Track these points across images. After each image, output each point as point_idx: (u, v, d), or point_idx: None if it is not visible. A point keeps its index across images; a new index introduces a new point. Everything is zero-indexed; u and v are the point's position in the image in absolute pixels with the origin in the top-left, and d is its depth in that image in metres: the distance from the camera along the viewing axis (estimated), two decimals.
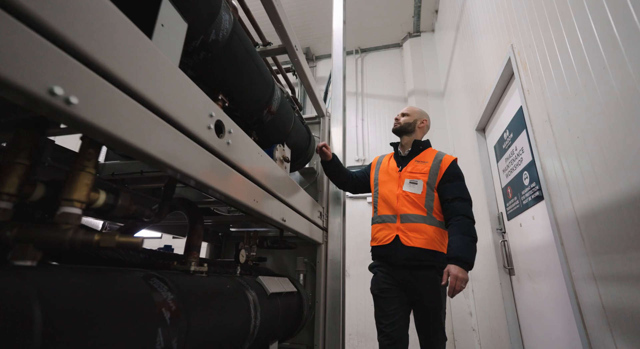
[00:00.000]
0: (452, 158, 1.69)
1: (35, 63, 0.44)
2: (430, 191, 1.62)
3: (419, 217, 1.59)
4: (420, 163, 1.71)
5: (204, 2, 0.92)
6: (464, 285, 1.35)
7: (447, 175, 1.62)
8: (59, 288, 0.51)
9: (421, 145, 1.77)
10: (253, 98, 1.28)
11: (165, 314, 0.69)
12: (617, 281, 1.02)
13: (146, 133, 0.62)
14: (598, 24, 1.07)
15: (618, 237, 1.02)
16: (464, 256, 1.36)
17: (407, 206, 1.63)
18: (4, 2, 0.40)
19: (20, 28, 0.42)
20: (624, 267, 1.00)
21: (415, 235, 1.56)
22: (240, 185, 1.02)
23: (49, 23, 0.45)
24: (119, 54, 0.56)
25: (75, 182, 0.60)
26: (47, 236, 0.55)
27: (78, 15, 0.49)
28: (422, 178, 1.65)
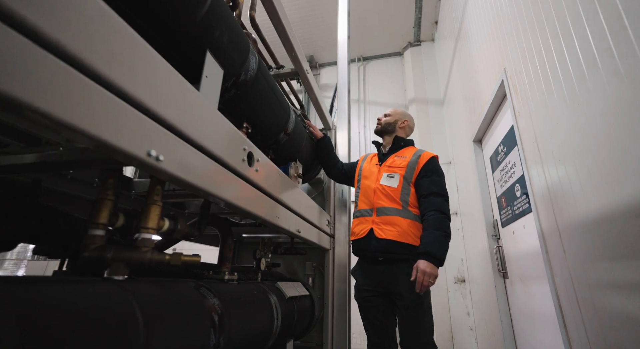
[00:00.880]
0: (432, 155, 1.68)
1: (140, 135, 0.60)
2: (407, 185, 1.61)
3: (394, 210, 1.58)
4: (399, 158, 1.71)
5: (236, 51, 1.08)
6: (433, 280, 1.34)
7: (424, 170, 1.60)
8: (146, 296, 0.68)
9: (402, 142, 1.79)
10: (272, 124, 1.44)
11: (214, 317, 0.85)
12: (590, 287, 1.19)
13: (201, 171, 0.79)
14: (581, 56, 1.23)
15: (590, 250, 1.18)
16: (434, 251, 1.36)
17: (383, 199, 1.63)
18: (121, 93, 0.57)
19: (130, 111, 0.58)
20: (594, 275, 1.16)
21: (389, 228, 1.55)
22: (265, 204, 1.18)
23: (151, 107, 0.61)
24: (188, 117, 0.72)
25: (148, 214, 0.76)
26: (134, 256, 0.72)
27: (166, 97, 0.65)
28: (399, 171, 1.65)
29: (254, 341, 1.07)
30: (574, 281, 1.29)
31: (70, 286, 0.54)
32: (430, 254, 1.36)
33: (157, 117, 0.64)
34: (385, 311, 1.58)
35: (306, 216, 1.66)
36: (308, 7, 4.35)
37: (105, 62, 0.52)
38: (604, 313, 1.12)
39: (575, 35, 1.22)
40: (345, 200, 2.39)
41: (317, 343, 2.10)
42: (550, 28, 1.39)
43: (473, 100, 2.77)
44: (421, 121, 4.27)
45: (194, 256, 0.79)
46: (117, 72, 0.54)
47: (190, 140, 0.74)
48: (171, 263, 0.76)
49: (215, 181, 0.85)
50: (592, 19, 1.13)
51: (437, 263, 1.36)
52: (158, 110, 0.64)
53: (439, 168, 1.65)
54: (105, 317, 0.55)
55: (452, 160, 3.88)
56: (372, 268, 1.61)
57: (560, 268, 1.39)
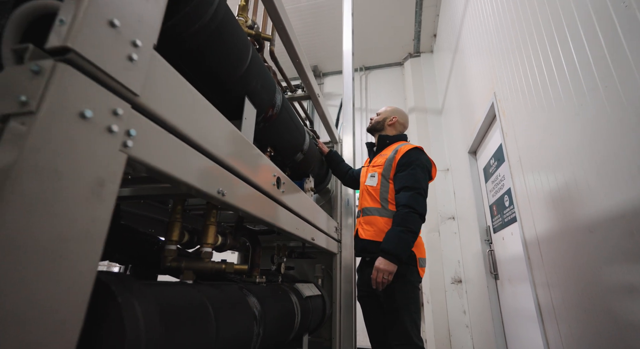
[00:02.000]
0: (410, 147, 1.61)
1: (214, 179, 0.82)
2: (385, 183, 1.59)
3: (374, 210, 1.59)
4: (381, 157, 1.71)
5: (266, 93, 1.30)
6: (388, 277, 1.34)
7: (399, 164, 1.57)
8: (211, 295, 0.90)
9: (388, 140, 1.77)
10: (291, 147, 1.67)
11: (255, 311, 1.08)
12: (561, 289, 1.41)
13: (248, 199, 1.01)
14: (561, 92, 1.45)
15: (562, 257, 1.40)
16: (390, 248, 1.37)
17: (366, 199, 1.66)
18: (207, 153, 0.79)
19: (211, 164, 0.81)
20: (564, 279, 1.38)
21: (368, 228, 1.57)
22: (289, 218, 1.40)
23: (223, 160, 0.84)
24: (239, 158, 0.95)
25: (207, 232, 0.99)
26: (199, 266, 0.94)
27: (228, 148, 0.88)
28: (377, 170, 1.64)
29: (282, 333, 1.30)
30: (550, 283, 1.51)
31: (173, 287, 0.76)
32: (386, 251, 1.37)
33: (223, 163, 0.86)
34: (376, 311, 1.61)
35: (318, 225, 1.88)
36: (312, 20, 4.57)
37: (198, 133, 0.74)
38: (573, 311, 1.34)
39: (556, 68, 1.43)
40: (351, 206, 2.62)
41: (326, 338, 2.32)
42: (535, 61, 1.61)
43: (468, 114, 2.99)
44: (420, 129, 4.49)
45: (243, 265, 1.02)
46: (205, 140, 0.76)
47: (241, 175, 0.96)
48: (226, 270, 0.98)
49: (256, 205, 1.08)
50: (569, 55, 1.35)
51: (393, 259, 1.36)
52: (224, 159, 0.86)
53: (415, 159, 1.55)
54: (196, 309, 0.77)
55: (450, 168, 4.11)
56: (364, 269, 1.66)
57: (539, 272, 1.61)
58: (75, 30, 0.46)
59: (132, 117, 0.57)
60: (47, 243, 0.42)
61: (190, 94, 0.75)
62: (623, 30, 0.93)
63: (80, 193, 0.46)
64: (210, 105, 0.82)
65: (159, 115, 0.63)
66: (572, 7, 1.21)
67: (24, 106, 0.42)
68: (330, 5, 4.27)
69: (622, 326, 1.02)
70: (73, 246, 0.45)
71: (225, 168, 0.89)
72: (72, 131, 0.46)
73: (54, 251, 0.42)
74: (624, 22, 0.91)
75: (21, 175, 0.39)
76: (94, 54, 0.49)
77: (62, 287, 0.43)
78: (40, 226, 0.41)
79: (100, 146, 0.50)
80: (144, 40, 0.60)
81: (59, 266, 0.43)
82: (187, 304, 0.74)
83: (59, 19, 0.47)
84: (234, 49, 1.02)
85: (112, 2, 0.53)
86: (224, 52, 0.98)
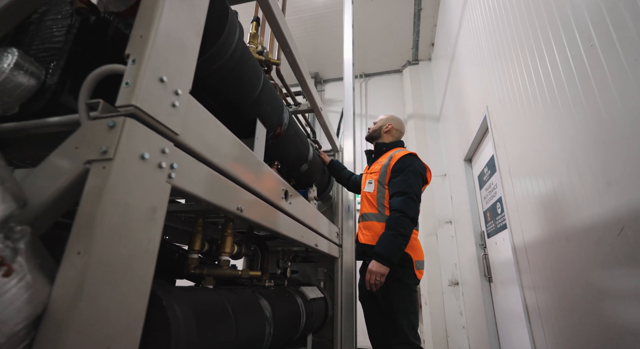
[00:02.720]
0: (403, 153, 1.68)
1: (235, 198, 0.95)
2: (382, 189, 1.66)
3: (372, 215, 1.67)
4: (377, 164, 1.79)
5: (275, 114, 1.43)
6: (380, 278, 1.43)
7: (393, 171, 1.64)
8: (230, 299, 1.02)
9: (384, 147, 1.85)
10: (296, 160, 1.79)
11: (267, 313, 1.20)
12: (546, 291, 1.53)
13: (261, 212, 1.13)
14: (545, 111, 1.58)
15: (544, 263, 1.53)
16: (382, 251, 1.45)
17: (365, 205, 1.74)
18: (230, 176, 0.91)
19: (232, 185, 0.93)
20: (547, 283, 1.50)
21: (366, 232, 1.66)
22: (295, 227, 1.53)
23: (241, 180, 0.96)
24: (253, 177, 1.07)
25: (226, 242, 1.11)
26: (218, 272, 1.06)
27: (244, 169, 1.00)
28: (374, 177, 1.72)
29: (289, 333, 1.42)
30: (535, 286, 1.64)
31: (200, 291, 0.89)
32: (377, 254, 1.46)
33: (241, 183, 0.99)
34: (375, 312, 1.70)
35: (321, 232, 2.00)
36: (313, 29, 4.71)
37: (222, 160, 0.87)
38: (555, 312, 1.47)
39: (545, 84, 1.56)
40: (351, 212, 2.74)
41: (328, 338, 2.44)
42: (524, 77, 1.73)
43: (463, 124, 3.12)
44: (419, 135, 4.62)
45: (255, 271, 1.14)
46: (228, 165, 0.89)
47: (255, 192, 1.09)
48: (242, 276, 1.11)
49: (268, 217, 1.20)
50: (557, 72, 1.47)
51: (385, 261, 1.43)
52: (242, 179, 0.99)
53: (408, 165, 1.62)
54: (219, 310, 0.90)
55: (447, 173, 4.23)
56: (364, 271, 1.75)
57: (526, 276, 1.74)
58: (138, 91, 0.59)
59: (175, 153, 0.70)
60: (122, 259, 0.54)
61: (215, 126, 0.87)
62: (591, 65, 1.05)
63: (141, 219, 0.59)
64: (231, 133, 0.94)
65: (193, 148, 0.76)
66: (559, 27, 1.33)
67: (105, 154, 0.55)
68: (331, 15, 4.41)
69: (597, 326, 1.14)
70: (137, 261, 0.58)
71: (243, 187, 1.01)
72: (136, 171, 0.58)
73: (126, 266, 0.55)
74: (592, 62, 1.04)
75: (104, 209, 0.52)
76: (150, 107, 0.62)
77: (132, 292, 0.56)
78: (117, 247, 0.54)
79: (154, 180, 0.63)
80: (183, 88, 0.72)
81: (129, 277, 0.55)
82: (212, 307, 0.87)
83: (125, 81, 0.60)
84: (249, 80, 1.15)
85: (161, 63, 0.66)
86: (240, 83, 1.11)
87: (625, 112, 0.92)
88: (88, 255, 0.49)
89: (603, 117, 1.03)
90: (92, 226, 0.51)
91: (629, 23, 0.86)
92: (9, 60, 0.77)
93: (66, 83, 0.86)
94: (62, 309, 0.47)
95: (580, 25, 1.10)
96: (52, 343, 0.45)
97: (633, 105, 0.88)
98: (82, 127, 0.59)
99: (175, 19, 0.71)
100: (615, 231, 0.98)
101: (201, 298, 0.85)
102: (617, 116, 0.95)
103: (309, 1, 4.23)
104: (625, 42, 0.89)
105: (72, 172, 0.56)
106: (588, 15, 1.05)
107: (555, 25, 1.31)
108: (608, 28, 0.95)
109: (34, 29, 0.93)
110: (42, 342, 0.45)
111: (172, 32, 0.70)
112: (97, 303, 0.49)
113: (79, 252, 0.50)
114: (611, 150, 0.99)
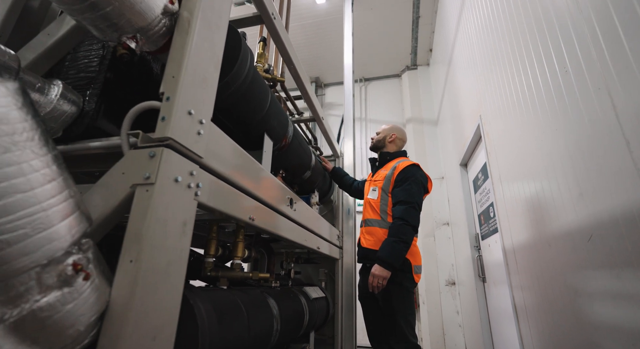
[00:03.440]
0: (407, 164, 1.77)
1: (248, 209, 1.06)
2: (385, 196, 1.75)
3: (375, 221, 1.76)
4: (381, 172, 1.88)
5: (281, 128, 1.54)
6: (382, 281, 1.53)
7: (397, 180, 1.73)
8: (243, 298, 1.14)
9: (388, 156, 1.94)
10: (300, 168, 1.91)
11: (274, 311, 1.32)
12: (529, 290, 1.65)
13: (269, 220, 1.25)
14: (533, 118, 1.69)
15: (530, 265, 1.65)
16: (384, 256, 1.55)
17: (368, 211, 1.83)
18: (247, 191, 1.03)
19: (247, 198, 1.05)
20: (532, 283, 1.62)
21: (369, 237, 1.74)
22: (299, 232, 1.64)
23: (253, 193, 1.08)
24: (262, 188, 1.19)
25: (237, 247, 1.23)
26: (231, 274, 1.18)
27: (255, 183, 1.12)
28: (378, 184, 1.81)
29: (294, 330, 1.54)
30: (522, 285, 1.76)
31: (217, 292, 1.01)
32: (381, 259, 1.55)
33: (253, 195, 1.11)
34: (375, 312, 1.78)
35: (322, 235, 2.12)
36: (314, 36, 4.82)
37: (238, 177, 0.99)
38: (537, 310, 1.59)
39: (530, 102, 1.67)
40: (351, 215, 2.86)
41: (329, 335, 2.56)
42: (514, 88, 1.85)
43: (459, 130, 3.24)
44: (417, 139, 4.74)
45: (264, 273, 1.26)
46: (242, 180, 1.01)
47: (264, 202, 1.21)
48: (252, 278, 1.23)
49: (275, 224, 1.32)
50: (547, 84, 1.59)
51: (387, 266, 1.54)
52: (254, 192, 1.11)
53: (411, 176, 1.71)
54: (234, 308, 1.02)
55: (445, 176, 4.35)
56: (364, 273, 1.84)
57: (515, 277, 1.86)
58: (172, 124, 0.71)
59: (200, 174, 0.81)
60: (162, 266, 0.66)
61: (231, 147, 0.99)
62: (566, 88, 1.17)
63: (176, 233, 0.71)
64: (244, 152, 1.06)
65: (214, 168, 0.88)
66: (541, 53, 1.44)
67: (147, 179, 0.67)
68: (331, 22, 4.53)
69: (573, 322, 1.26)
70: (172, 267, 0.70)
71: (254, 198, 1.13)
72: (172, 192, 0.70)
73: (165, 271, 0.67)
74: (566, 85, 1.16)
75: (149, 225, 0.64)
76: (182, 137, 0.74)
77: (169, 292, 0.68)
78: (159, 256, 0.65)
79: (185, 199, 0.75)
80: (205, 117, 0.84)
81: (167, 280, 0.67)
82: (228, 305, 0.99)
83: (161, 116, 0.72)
84: (258, 100, 1.26)
85: (189, 98, 0.78)
86: (250, 104, 1.23)
87: (592, 133, 1.03)
88: (138, 263, 0.61)
89: (575, 135, 1.15)
90: (140, 240, 0.63)
91: (594, 55, 0.97)
92: (56, 91, 0.88)
93: (101, 108, 0.98)
94: (120, 307, 0.59)
95: (557, 53, 1.22)
96: (115, 333, 0.57)
97: (599, 128, 1.00)
98: (127, 155, 0.71)
99: (199, 57, 0.83)
100: (586, 238, 1.10)
101: (219, 297, 0.97)
102: (585, 136, 1.07)
103: (310, 9, 4.35)
104: (592, 72, 1.00)
105: (121, 193, 0.68)
106: (563, 45, 1.16)
107: (537, 51, 1.42)
108: (578, 58, 1.06)
109: (69, 60, 1.05)
110: (107, 332, 0.57)
111: (197, 69, 0.82)
112: (146, 302, 0.61)
113: (131, 260, 0.62)
114: (582, 165, 1.11)
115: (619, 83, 0.89)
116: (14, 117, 0.44)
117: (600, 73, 0.96)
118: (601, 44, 0.94)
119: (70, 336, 0.51)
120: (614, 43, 0.91)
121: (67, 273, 0.51)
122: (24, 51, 0.94)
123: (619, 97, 0.90)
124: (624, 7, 0.88)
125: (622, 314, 0.96)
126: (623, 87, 0.88)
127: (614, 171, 0.95)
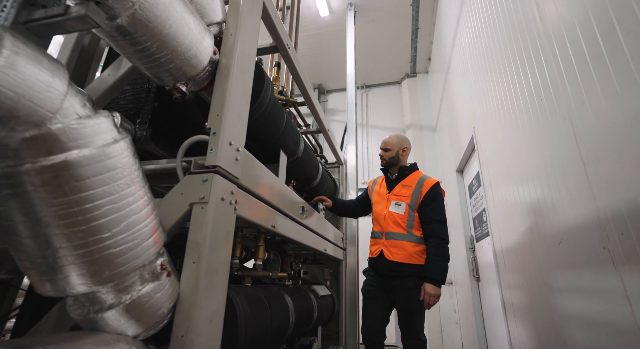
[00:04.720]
0: (433, 182, 1.86)
1: (270, 218, 1.26)
2: (412, 212, 1.83)
3: (400, 235, 1.82)
4: (404, 188, 1.91)
5: (294, 144, 1.74)
6: (437, 299, 1.66)
7: (426, 198, 1.82)
8: (265, 293, 1.34)
9: (407, 170, 1.98)
10: (309, 179, 2.11)
11: (290, 306, 1.51)
12: (515, 289, 1.84)
13: (287, 227, 1.44)
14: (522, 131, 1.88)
15: (515, 265, 1.84)
16: (435, 275, 1.67)
17: (391, 225, 1.86)
18: (267, 202, 1.22)
19: (269, 210, 1.24)
20: (518, 283, 1.81)
21: (396, 251, 1.81)
22: (309, 236, 1.84)
23: (274, 204, 1.27)
24: (280, 198, 1.38)
25: (259, 250, 1.43)
26: (254, 274, 1.38)
27: (278, 198, 1.32)
28: (405, 200, 1.86)
29: (305, 324, 1.73)
30: (510, 284, 1.95)
31: (245, 288, 1.20)
32: (432, 278, 1.66)
33: (274, 206, 1.30)
34: (382, 305, 1.87)
35: (328, 238, 2.31)
36: (317, 45, 5.02)
37: (265, 192, 1.18)
38: (521, 307, 1.78)
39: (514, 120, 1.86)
40: (353, 220, 3.05)
41: (334, 331, 2.76)
42: (500, 108, 2.04)
43: (455, 138, 3.43)
44: (416, 144, 4.93)
45: (282, 272, 1.46)
46: (267, 195, 1.20)
47: (282, 211, 1.40)
48: (272, 276, 1.42)
49: (291, 230, 1.51)
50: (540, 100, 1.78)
51: (439, 284, 1.67)
52: (274, 203, 1.30)
53: (438, 194, 1.84)
54: (260, 301, 1.21)
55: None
56: (380, 277, 1.90)
57: (504, 277, 2.05)
58: (219, 155, 0.91)
59: (237, 192, 1.01)
60: (215, 266, 0.86)
61: (260, 169, 1.18)
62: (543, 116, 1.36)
63: (223, 240, 0.90)
64: (268, 170, 1.25)
65: (247, 187, 1.07)
66: (527, 69, 1.63)
67: (202, 199, 0.86)
68: (334, 34, 4.73)
69: (549, 316, 1.45)
70: (221, 267, 0.89)
71: (274, 208, 1.32)
72: (220, 209, 0.90)
73: (216, 270, 0.86)
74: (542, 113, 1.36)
75: (204, 235, 0.83)
76: (226, 164, 0.93)
77: (220, 287, 0.87)
78: (213, 259, 0.85)
79: (228, 213, 0.94)
80: (240, 145, 1.04)
81: (218, 278, 0.87)
82: (255, 299, 1.18)
83: (210, 148, 0.91)
84: (276, 123, 1.46)
85: (230, 131, 0.97)
86: (269, 127, 1.42)
87: (556, 154, 1.23)
88: (199, 264, 0.81)
89: (547, 152, 1.34)
90: (199, 247, 0.82)
91: (559, 88, 1.17)
92: (117, 121, 1.08)
93: (148, 133, 1.18)
94: (188, 298, 0.78)
95: (534, 81, 1.41)
96: (187, 316, 0.76)
97: (563, 150, 1.19)
98: (184, 179, 0.90)
99: (236, 97, 1.03)
100: (557, 241, 1.29)
101: (248, 292, 1.17)
102: (556, 155, 1.26)
103: (314, 21, 4.55)
104: (560, 102, 1.20)
105: (182, 210, 0.87)
106: (538, 75, 1.36)
107: (519, 77, 1.62)
108: (549, 89, 1.26)
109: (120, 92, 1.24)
110: (180, 315, 0.76)
111: (234, 107, 1.02)
112: (206, 294, 0.81)
113: (194, 262, 0.81)
114: (552, 180, 1.31)
115: (578, 114, 1.08)
116: (131, 162, 0.63)
117: (565, 103, 1.15)
118: (565, 80, 1.13)
119: (159, 316, 0.71)
120: (573, 81, 1.10)
121: (157, 271, 0.70)
122: (88, 90, 1.13)
123: (579, 126, 1.10)
124: (578, 50, 1.07)
125: (583, 306, 1.15)
126: (581, 118, 1.08)
127: (575, 187, 1.14)
